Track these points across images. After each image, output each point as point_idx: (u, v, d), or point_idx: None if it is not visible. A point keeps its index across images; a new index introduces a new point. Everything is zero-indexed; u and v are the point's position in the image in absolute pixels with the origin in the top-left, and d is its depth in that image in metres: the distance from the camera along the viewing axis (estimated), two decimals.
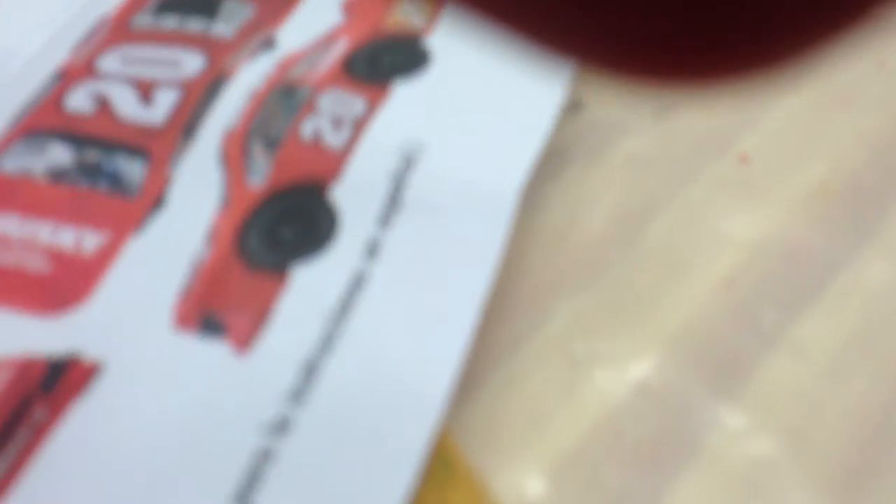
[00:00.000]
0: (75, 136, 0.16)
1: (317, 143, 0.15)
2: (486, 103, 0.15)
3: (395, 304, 0.13)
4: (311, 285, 0.13)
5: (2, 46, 0.18)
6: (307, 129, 0.15)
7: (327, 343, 0.12)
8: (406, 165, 0.14)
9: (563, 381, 0.15)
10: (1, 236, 0.15)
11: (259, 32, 0.18)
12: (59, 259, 0.14)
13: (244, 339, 0.13)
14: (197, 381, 0.12)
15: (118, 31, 0.18)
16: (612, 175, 0.18)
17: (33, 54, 0.18)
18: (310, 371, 0.12)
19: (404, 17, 0.17)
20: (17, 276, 0.14)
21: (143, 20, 0.18)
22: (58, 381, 0.13)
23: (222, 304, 0.13)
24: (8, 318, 0.14)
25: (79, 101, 0.17)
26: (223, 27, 0.18)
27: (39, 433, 0.12)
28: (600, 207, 0.18)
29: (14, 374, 0.13)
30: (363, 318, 0.13)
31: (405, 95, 0.16)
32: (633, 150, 0.19)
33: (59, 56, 0.18)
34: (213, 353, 0.13)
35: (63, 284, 0.14)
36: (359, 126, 0.15)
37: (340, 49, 0.17)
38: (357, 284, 0.13)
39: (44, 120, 0.16)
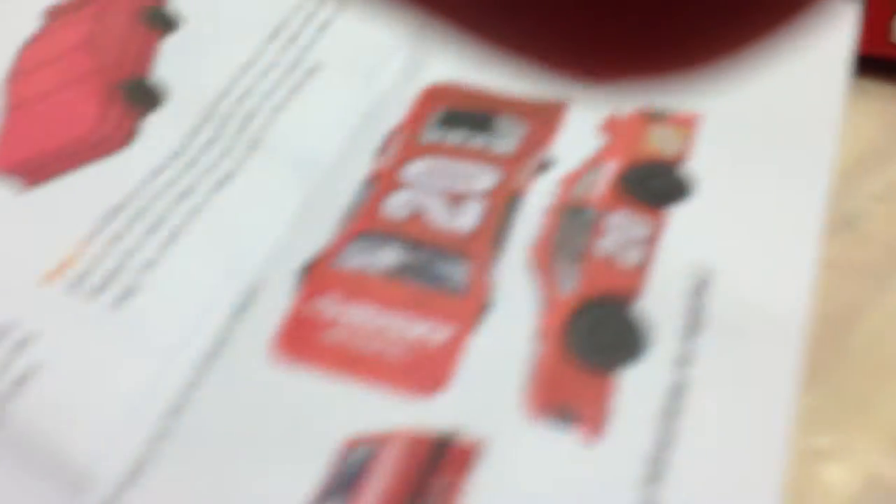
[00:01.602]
0: (402, 239, 0.19)
1: (612, 261, 0.18)
2: (758, 224, 0.19)
3: (713, 411, 0.16)
4: (638, 387, 0.16)
5: (300, 156, 0.21)
6: (601, 247, 0.19)
7: (665, 439, 0.15)
8: (699, 286, 0.17)
9: (793, 476, 0.18)
10: (360, 326, 0.18)
11: (537, 150, 0.21)
12: (415, 349, 0.17)
13: (594, 430, 0.16)
14: (555, 467, 0.15)
15: (410, 145, 0.21)
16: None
17: (334, 162, 0.21)
18: (655, 463, 0.15)
19: (660, 143, 0.21)
20: (380, 362, 0.17)
21: (431, 136, 0.21)
22: (443, 457, 0.16)
23: (566, 397, 0.16)
24: (380, 398, 0.17)
25: (395, 208, 0.20)
26: (504, 143, 0.21)
27: None
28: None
29: (403, 447, 0.16)
30: (690, 421, 0.16)
31: (684, 220, 0.19)
32: (829, 255, 0.22)
33: (363, 165, 0.21)
34: (566, 441, 0.16)
35: (423, 372, 0.17)
36: (648, 247, 0.18)
37: (611, 171, 0.20)
38: (678, 391, 0.16)
39: (369, 224, 0.19)
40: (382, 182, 0.20)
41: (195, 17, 0.24)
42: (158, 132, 0.22)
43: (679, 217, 0.19)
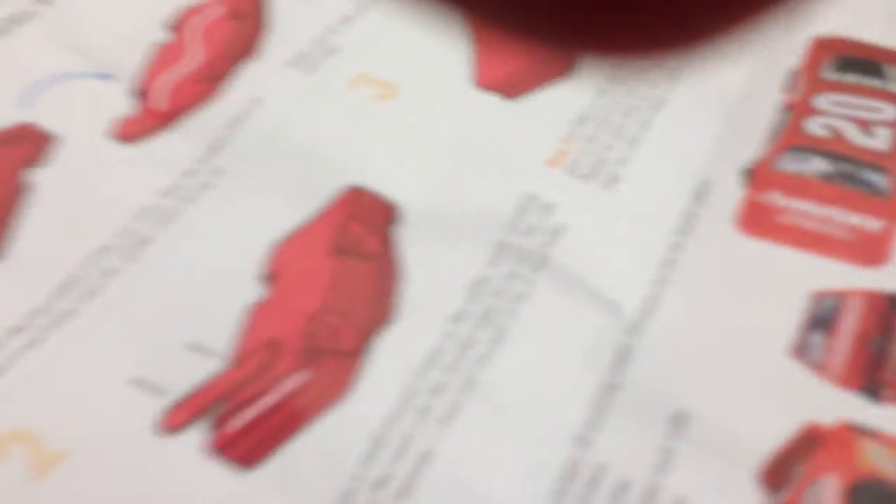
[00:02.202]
0: (827, 152, 0.25)
1: None
2: None
3: None
4: None
5: (716, 90, 0.27)
6: None
7: None
8: None
9: None
10: (807, 213, 0.23)
11: None
12: (857, 232, 0.23)
13: None
14: None
15: (815, 82, 0.27)
16: None
17: (744, 93, 0.27)
18: None
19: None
20: (830, 240, 0.23)
21: (830, 76, 0.27)
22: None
23: None
24: (834, 266, 0.22)
25: (815, 129, 0.25)
26: (894, 85, 0.26)
27: None
28: None
29: (864, 300, 0.21)
30: None
31: None
32: None
33: (774, 96, 0.26)
34: None
35: (866, 250, 0.23)
36: None
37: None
38: None
39: (795, 140, 0.25)
40: (798, 109, 0.26)
41: None
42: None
43: None
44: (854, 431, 0.20)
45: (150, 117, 0.26)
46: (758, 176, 0.25)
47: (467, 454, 0.20)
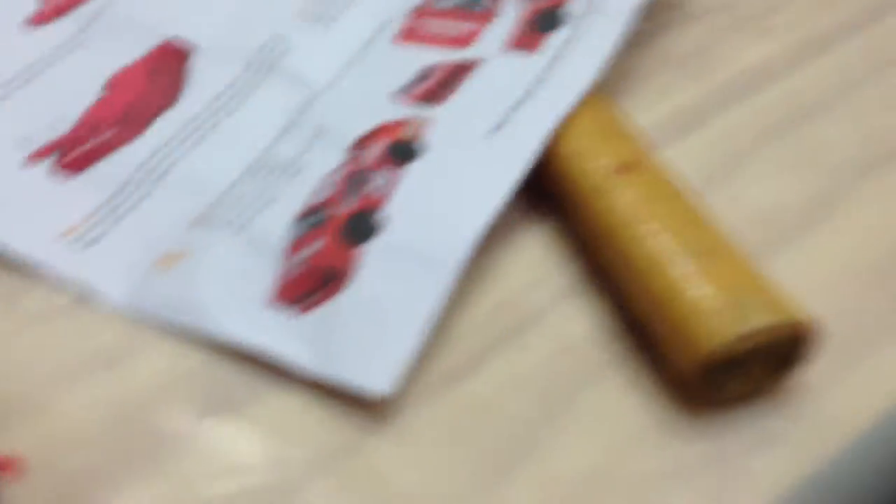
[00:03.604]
0: None
1: None
2: None
3: None
4: None
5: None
6: None
7: None
8: None
9: None
10: (437, 25, 0.37)
11: None
12: (462, 28, 0.37)
13: None
14: None
15: None
16: None
17: None
18: None
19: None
20: (444, 37, 0.37)
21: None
22: None
23: None
24: (443, 50, 0.36)
25: None
26: None
27: None
28: None
29: (447, 65, 0.35)
30: None
31: None
32: None
33: None
34: None
35: (461, 39, 0.36)
36: None
37: None
38: None
39: None
40: None
41: None
42: None
43: None
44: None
45: (53, 10, 0.41)
46: (418, 11, 0.39)
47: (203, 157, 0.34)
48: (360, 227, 0.30)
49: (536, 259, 0.32)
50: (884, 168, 0.34)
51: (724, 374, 0.26)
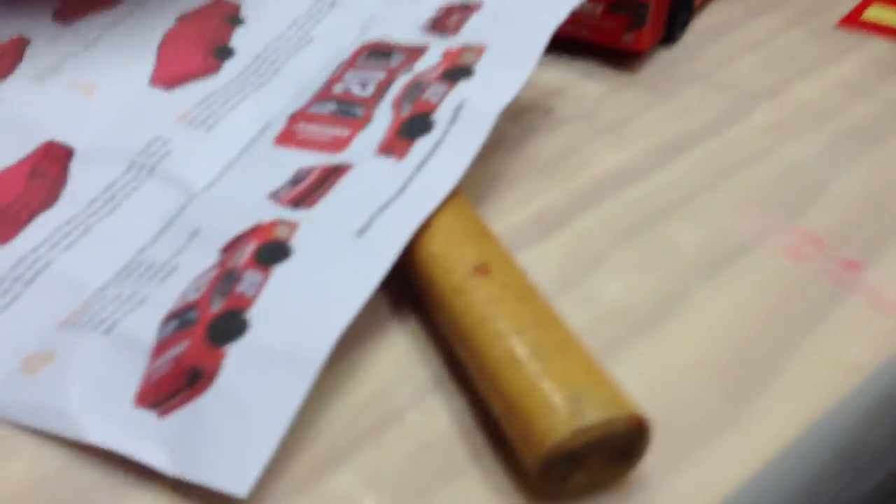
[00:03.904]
0: (336, 99, 0.41)
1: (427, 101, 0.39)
2: None
3: None
4: None
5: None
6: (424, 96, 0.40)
7: None
8: None
9: None
10: (314, 130, 0.39)
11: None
12: (336, 136, 0.39)
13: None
14: None
15: (351, 63, 0.43)
16: None
17: (322, 68, 0.43)
18: None
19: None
20: (319, 141, 0.39)
21: (360, 60, 0.43)
22: None
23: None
24: (317, 154, 0.38)
25: (337, 89, 0.41)
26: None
27: None
28: None
29: (321, 169, 0.37)
30: None
31: None
32: None
33: (329, 74, 0.43)
34: None
35: (332, 144, 0.38)
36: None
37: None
38: None
39: (323, 95, 0.41)
40: (333, 80, 0.42)
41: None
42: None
43: None
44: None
45: None
46: (296, 115, 0.41)
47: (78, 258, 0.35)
48: (227, 327, 0.31)
49: (401, 355, 0.33)
50: (725, 269, 0.37)
51: (567, 467, 0.28)
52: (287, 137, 0.40)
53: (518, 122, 0.44)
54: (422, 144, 0.37)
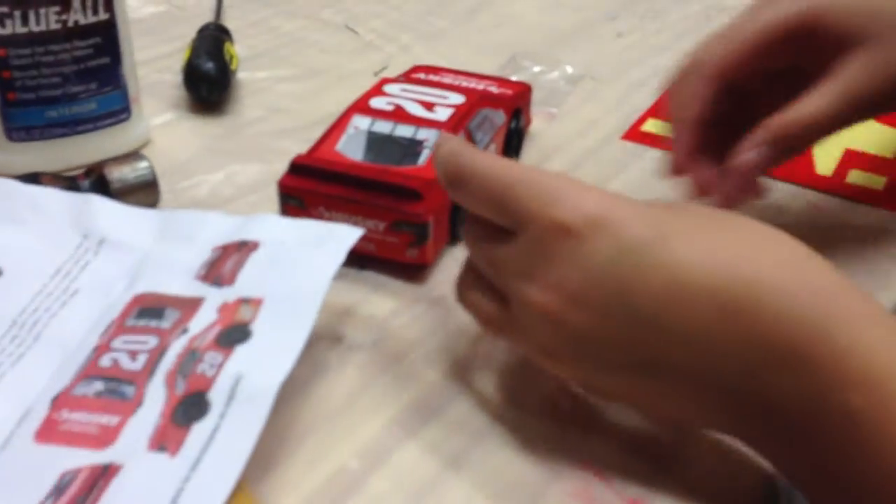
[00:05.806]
0: (104, 377, 0.38)
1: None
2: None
3: None
4: None
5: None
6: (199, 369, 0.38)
7: None
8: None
9: None
10: (76, 421, 0.36)
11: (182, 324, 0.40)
12: (104, 426, 0.36)
13: None
14: None
15: (119, 327, 0.40)
16: None
17: (82, 337, 0.40)
18: None
19: (244, 315, 0.40)
20: (86, 435, 0.36)
21: (130, 322, 0.41)
22: None
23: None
24: (80, 451, 0.35)
25: (105, 362, 0.39)
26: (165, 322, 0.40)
27: None
28: None
29: (87, 472, 0.34)
30: None
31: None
32: None
33: (94, 340, 0.40)
34: None
35: (102, 437, 0.35)
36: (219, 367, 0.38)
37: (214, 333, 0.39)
38: None
39: (88, 372, 0.38)
40: (100, 349, 0.39)
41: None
42: None
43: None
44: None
45: None
46: (59, 399, 0.37)
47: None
48: None
49: None
50: None
51: None
52: (49, 430, 0.36)
53: (308, 357, 0.43)
54: (197, 433, 0.35)
